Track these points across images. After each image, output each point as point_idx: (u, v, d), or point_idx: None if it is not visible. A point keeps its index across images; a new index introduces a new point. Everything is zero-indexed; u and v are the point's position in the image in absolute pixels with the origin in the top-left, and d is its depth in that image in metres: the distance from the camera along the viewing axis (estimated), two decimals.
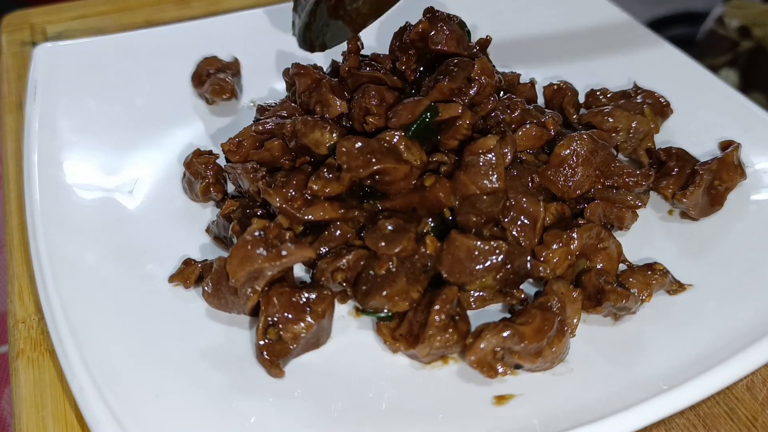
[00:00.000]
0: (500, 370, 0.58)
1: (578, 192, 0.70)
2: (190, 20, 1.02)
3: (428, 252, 0.64)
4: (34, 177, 0.73)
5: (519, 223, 0.66)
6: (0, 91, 0.95)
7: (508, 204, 0.66)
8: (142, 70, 0.91)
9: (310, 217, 0.66)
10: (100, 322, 0.61)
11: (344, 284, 0.65)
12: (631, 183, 0.71)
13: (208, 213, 0.75)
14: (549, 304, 0.61)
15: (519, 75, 0.83)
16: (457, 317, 0.61)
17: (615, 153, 0.71)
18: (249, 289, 0.61)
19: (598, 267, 0.66)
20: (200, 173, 0.74)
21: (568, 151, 0.69)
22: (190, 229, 0.73)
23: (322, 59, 0.86)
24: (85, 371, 0.56)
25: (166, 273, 0.67)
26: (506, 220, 0.66)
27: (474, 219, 0.65)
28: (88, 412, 0.54)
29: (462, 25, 0.77)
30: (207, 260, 0.67)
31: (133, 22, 1.08)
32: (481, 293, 0.65)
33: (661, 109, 0.82)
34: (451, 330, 0.60)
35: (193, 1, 1.14)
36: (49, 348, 0.64)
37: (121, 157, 0.79)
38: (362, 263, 0.65)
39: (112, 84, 0.88)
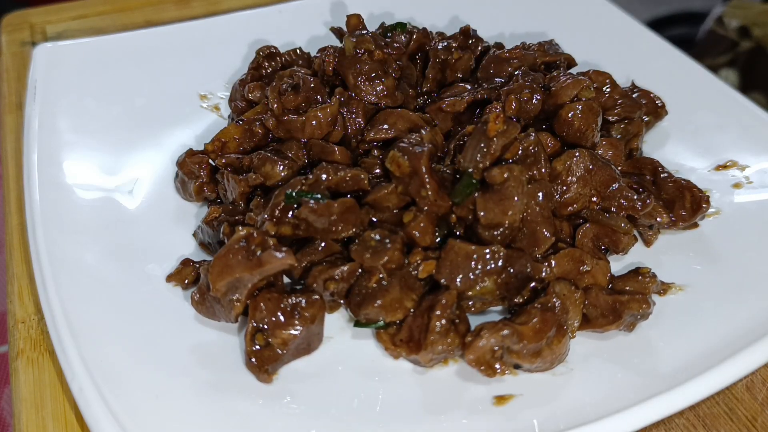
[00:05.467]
0: (499, 369, 0.58)
1: (569, 209, 0.68)
2: (189, 20, 1.02)
3: (420, 277, 0.63)
4: (34, 177, 0.73)
5: (525, 242, 0.65)
6: (0, 91, 0.95)
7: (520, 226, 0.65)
8: (141, 70, 0.91)
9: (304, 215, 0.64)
10: (100, 322, 0.61)
11: (334, 296, 0.64)
12: (624, 206, 0.68)
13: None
14: (549, 304, 0.61)
15: None
16: (457, 320, 0.61)
17: (617, 174, 0.68)
18: (233, 297, 0.60)
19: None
20: (194, 173, 0.74)
21: (564, 166, 0.67)
22: (190, 230, 0.73)
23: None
24: (84, 371, 0.56)
25: (165, 273, 0.67)
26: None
27: (487, 233, 0.64)
28: (88, 412, 0.54)
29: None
30: (205, 261, 0.67)
31: (133, 22, 1.08)
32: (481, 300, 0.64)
33: (655, 109, 0.82)
34: (452, 334, 0.59)
35: (193, 1, 1.14)
36: (49, 348, 0.64)
37: (120, 157, 0.79)
38: (356, 275, 0.63)
39: (112, 84, 0.88)
